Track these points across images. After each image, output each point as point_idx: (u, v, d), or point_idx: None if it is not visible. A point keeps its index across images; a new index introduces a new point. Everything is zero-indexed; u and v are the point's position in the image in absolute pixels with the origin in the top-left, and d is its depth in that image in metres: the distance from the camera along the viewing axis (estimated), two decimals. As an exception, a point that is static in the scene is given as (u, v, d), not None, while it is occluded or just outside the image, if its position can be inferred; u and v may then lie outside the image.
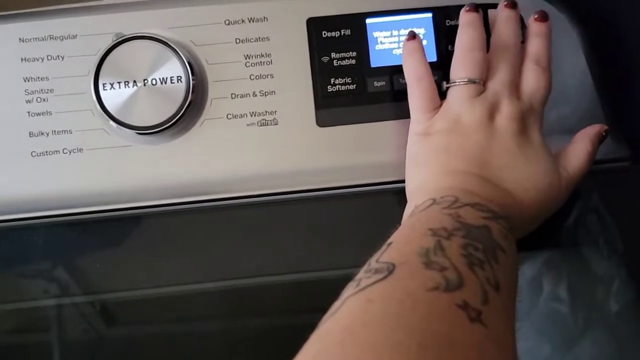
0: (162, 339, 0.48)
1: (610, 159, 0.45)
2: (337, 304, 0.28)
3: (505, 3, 0.43)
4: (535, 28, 0.42)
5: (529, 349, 0.55)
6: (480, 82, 0.40)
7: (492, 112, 0.40)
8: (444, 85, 0.42)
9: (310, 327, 0.28)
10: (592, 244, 0.52)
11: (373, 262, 0.31)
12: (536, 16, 0.43)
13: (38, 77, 0.44)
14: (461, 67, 0.41)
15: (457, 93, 0.41)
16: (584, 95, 0.45)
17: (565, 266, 0.55)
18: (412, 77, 0.42)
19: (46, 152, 0.44)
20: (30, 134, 0.44)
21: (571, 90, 0.45)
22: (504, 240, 0.34)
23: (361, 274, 0.30)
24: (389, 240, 0.33)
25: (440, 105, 0.42)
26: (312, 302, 0.30)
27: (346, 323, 0.27)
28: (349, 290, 0.29)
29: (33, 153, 0.44)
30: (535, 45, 0.42)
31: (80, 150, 0.44)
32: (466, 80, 0.40)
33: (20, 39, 0.44)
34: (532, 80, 0.41)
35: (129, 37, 0.42)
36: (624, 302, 0.48)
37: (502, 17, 0.42)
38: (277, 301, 0.47)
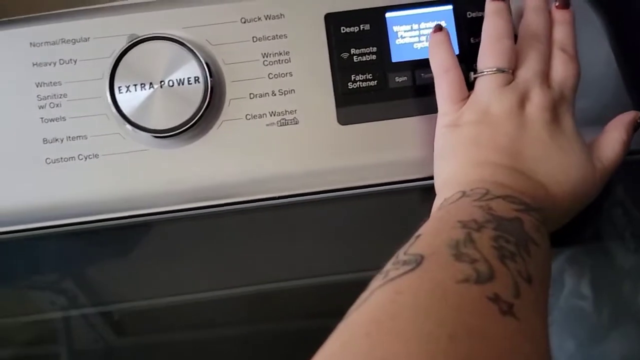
0: (182, 348, 0.47)
1: (637, 149, 0.44)
2: (364, 295, 0.28)
3: None
4: (558, 16, 0.41)
5: (553, 346, 0.54)
6: (509, 71, 0.39)
7: (522, 102, 0.39)
8: (472, 75, 0.41)
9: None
10: (617, 238, 0.51)
11: (401, 255, 0.30)
12: (557, 4, 0.42)
13: (50, 82, 0.43)
14: (489, 56, 0.40)
15: (486, 83, 0.39)
16: (610, 84, 0.44)
17: (589, 261, 0.54)
18: (439, 69, 0.41)
19: (61, 158, 0.42)
20: (44, 141, 0.42)
21: (597, 80, 0.44)
22: (537, 233, 0.33)
23: (389, 265, 0.30)
24: (418, 233, 0.32)
25: (469, 96, 0.40)
26: (337, 305, 0.29)
27: (374, 314, 0.26)
28: (377, 281, 0.28)
29: (47, 160, 0.42)
30: (559, 32, 0.41)
31: (96, 155, 0.42)
32: (495, 69, 0.39)
33: (31, 43, 0.43)
34: (560, 67, 0.40)
35: (144, 38, 0.41)
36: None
37: (530, 7, 0.41)
38: (301, 306, 0.46)
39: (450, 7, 0.43)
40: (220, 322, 0.48)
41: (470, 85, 0.41)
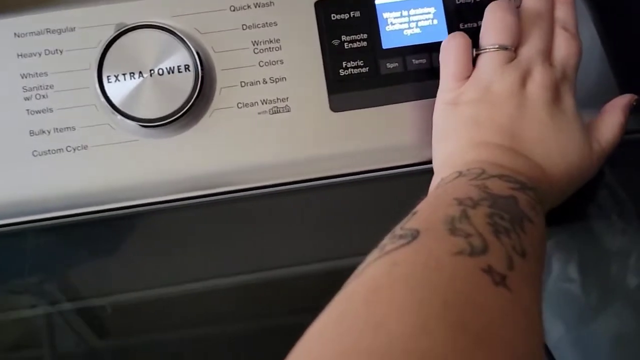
0: (179, 342, 0.47)
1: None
2: (361, 267, 0.29)
3: None
4: None
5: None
6: (512, 48, 0.39)
7: (524, 79, 0.39)
8: (474, 52, 0.40)
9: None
10: (603, 220, 0.51)
11: (397, 230, 0.31)
12: None
13: (36, 73, 0.42)
14: (491, 32, 0.40)
15: (488, 60, 0.39)
16: (596, 67, 0.45)
17: (575, 244, 0.55)
18: (450, 42, 0.41)
19: (49, 150, 0.42)
20: (31, 133, 0.42)
21: (584, 63, 0.44)
22: (532, 210, 0.33)
23: (386, 240, 0.30)
24: (414, 210, 0.33)
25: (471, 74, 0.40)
26: (331, 292, 0.29)
27: (371, 284, 0.27)
28: (374, 254, 0.29)
29: (35, 152, 0.42)
30: (561, 11, 0.41)
31: (85, 147, 0.42)
32: (497, 46, 0.39)
33: (15, 34, 0.42)
34: (563, 45, 0.40)
35: (132, 27, 0.40)
36: (645, 276, 0.48)
37: None
38: (294, 294, 0.46)
39: (439, -7, 0.44)
40: (212, 314, 0.48)
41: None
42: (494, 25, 0.40)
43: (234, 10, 0.42)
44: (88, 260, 0.45)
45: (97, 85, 0.40)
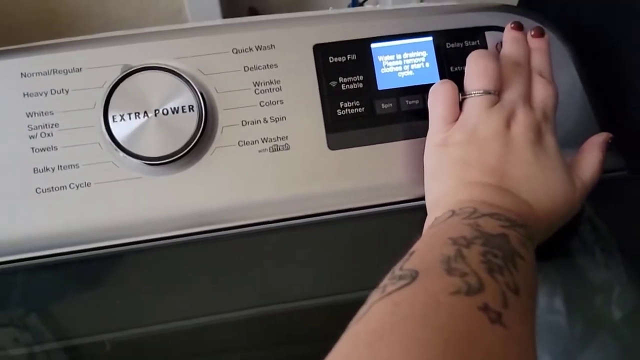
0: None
1: (606, 169, 0.47)
2: (363, 309, 0.30)
3: (512, 25, 0.45)
4: (534, 44, 0.45)
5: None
6: (496, 93, 0.42)
7: (508, 121, 0.41)
8: (460, 96, 0.43)
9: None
10: (587, 254, 0.53)
11: (397, 270, 0.32)
12: (533, 33, 0.45)
13: (42, 112, 0.43)
14: (475, 78, 0.42)
15: (474, 104, 0.42)
16: (577, 108, 0.48)
17: (560, 278, 0.56)
18: (438, 87, 0.43)
19: (52, 187, 0.42)
20: (35, 170, 0.42)
21: (565, 105, 0.47)
22: (522, 247, 0.35)
23: (386, 281, 0.32)
24: (411, 250, 0.34)
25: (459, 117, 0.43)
26: (332, 327, 0.30)
27: (374, 325, 0.28)
28: (375, 295, 0.30)
29: (38, 190, 0.42)
30: (536, 59, 0.44)
31: (88, 184, 0.43)
32: (482, 91, 0.41)
33: (22, 73, 0.43)
34: (541, 89, 0.43)
35: (139, 68, 0.42)
36: (628, 309, 0.49)
37: (510, 38, 0.44)
38: (295, 329, 0.46)
39: (430, 38, 0.46)
40: (208, 351, 0.48)
41: None
42: (477, 71, 0.42)
43: (236, 53, 0.44)
44: (92, 296, 0.45)
45: (102, 124, 0.41)
